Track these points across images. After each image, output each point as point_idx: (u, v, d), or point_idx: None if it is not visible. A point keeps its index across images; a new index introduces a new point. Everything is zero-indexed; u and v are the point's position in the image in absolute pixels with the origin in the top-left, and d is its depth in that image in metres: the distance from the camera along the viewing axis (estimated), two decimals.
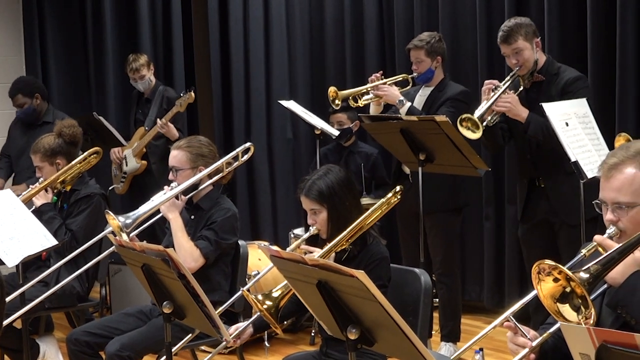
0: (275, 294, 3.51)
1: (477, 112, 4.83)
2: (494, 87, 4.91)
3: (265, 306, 3.49)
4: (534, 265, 2.54)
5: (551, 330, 2.71)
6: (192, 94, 6.80)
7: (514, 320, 2.73)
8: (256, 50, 8.05)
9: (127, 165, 7.32)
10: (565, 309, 2.51)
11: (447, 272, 5.69)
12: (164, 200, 4.47)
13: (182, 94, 6.88)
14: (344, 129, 6.41)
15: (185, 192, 4.54)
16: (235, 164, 4.74)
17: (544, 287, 2.53)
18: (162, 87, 7.36)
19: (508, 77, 4.96)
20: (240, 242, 4.66)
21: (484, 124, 4.83)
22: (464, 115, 4.84)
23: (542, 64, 5.03)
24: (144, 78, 7.30)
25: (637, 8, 5.52)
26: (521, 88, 5.01)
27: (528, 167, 5.12)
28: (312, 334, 6.04)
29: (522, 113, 4.89)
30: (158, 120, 6.91)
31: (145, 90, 7.36)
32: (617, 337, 1.98)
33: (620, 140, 4.52)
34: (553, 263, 2.50)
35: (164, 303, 3.52)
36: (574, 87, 4.89)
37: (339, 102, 5.76)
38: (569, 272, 2.47)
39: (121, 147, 7.19)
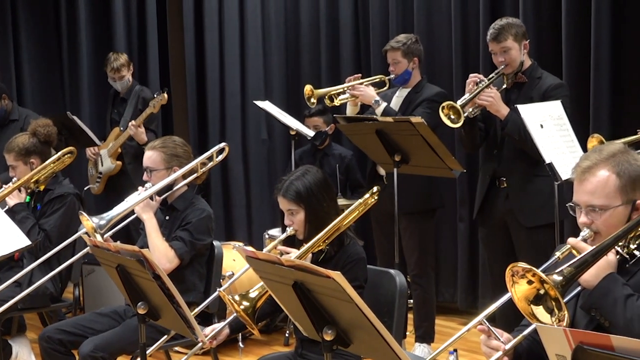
0: (252, 295, 3.50)
1: (460, 102, 4.86)
2: (478, 80, 4.94)
3: (242, 307, 3.49)
4: (508, 268, 2.55)
5: (525, 332, 2.73)
6: (165, 95, 6.77)
7: (487, 324, 2.74)
8: (231, 50, 8.04)
9: (102, 165, 7.29)
10: (539, 311, 2.53)
11: (421, 273, 5.71)
12: (138, 201, 4.45)
13: (155, 95, 6.85)
14: (319, 131, 6.42)
15: (159, 192, 4.52)
16: (210, 165, 4.72)
17: (518, 290, 2.55)
18: (138, 86, 7.32)
19: (493, 74, 4.99)
20: (215, 243, 4.64)
21: (465, 115, 4.86)
22: (447, 102, 4.87)
23: (527, 67, 5.06)
24: (124, 78, 7.26)
25: (611, 12, 5.57)
26: (504, 86, 5.04)
27: (492, 164, 5.15)
28: (287, 335, 6.03)
29: (503, 110, 4.92)
30: (132, 122, 6.87)
31: (122, 90, 7.33)
32: (593, 338, 2.00)
33: (593, 141, 4.55)
34: (527, 265, 2.52)
35: (139, 304, 3.50)
36: (554, 94, 4.93)
37: (315, 101, 5.76)
38: (543, 275, 2.49)
39: (97, 146, 7.15)
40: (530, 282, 2.52)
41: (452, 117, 4.85)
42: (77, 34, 8.64)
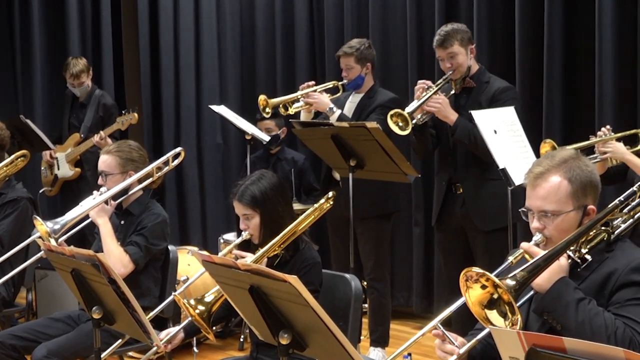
0: (207, 299, 3.50)
1: (408, 109, 4.89)
2: (426, 87, 4.98)
3: (197, 311, 3.49)
4: (462, 273, 2.58)
5: (479, 337, 2.76)
6: (136, 115, 6.72)
7: (442, 328, 2.77)
8: (186, 54, 8.02)
9: (58, 169, 7.22)
10: (493, 315, 2.56)
11: (377, 277, 5.73)
12: (93, 206, 4.42)
13: (124, 112, 6.78)
14: (272, 135, 6.42)
15: (114, 197, 4.50)
16: (166, 169, 4.71)
17: (472, 295, 2.57)
18: (98, 91, 7.26)
19: (441, 80, 5.03)
20: (170, 248, 4.63)
21: (413, 121, 4.89)
22: (394, 110, 4.91)
23: (474, 72, 5.11)
24: (83, 84, 7.20)
25: (563, 18, 5.64)
26: (452, 92, 5.08)
27: (448, 171, 5.19)
28: (241, 340, 6.02)
29: (451, 115, 4.96)
30: (100, 133, 6.81)
31: (82, 95, 7.26)
32: (545, 340, 2.03)
33: (545, 146, 4.61)
34: (481, 270, 2.54)
35: (94, 308, 3.49)
36: (503, 97, 4.98)
37: (270, 110, 5.76)
38: (496, 279, 2.52)
39: (53, 150, 7.08)
40: (484, 287, 2.55)
41: (401, 124, 4.89)
42: (31, 36, 8.53)
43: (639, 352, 1.86)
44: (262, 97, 5.74)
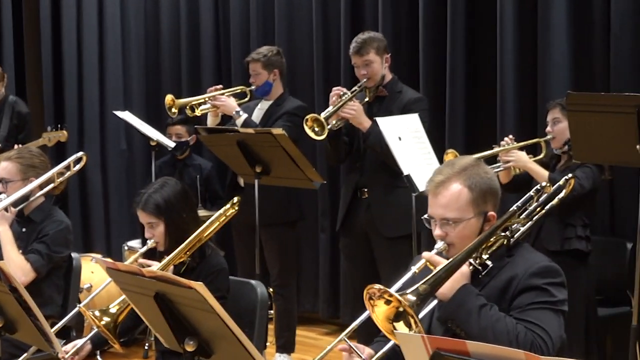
0: (112, 310, 3.48)
1: (323, 114, 4.92)
2: (341, 93, 5.01)
3: (103, 322, 3.45)
4: (365, 291, 2.59)
5: (385, 348, 2.80)
6: (65, 132, 6.57)
7: (348, 342, 2.79)
8: (90, 59, 7.91)
9: None
10: (399, 326, 2.57)
11: (283, 283, 5.75)
12: None
13: (51, 128, 6.62)
14: (180, 141, 6.39)
15: (15, 204, 4.42)
16: (68, 174, 4.65)
17: (379, 312, 2.58)
18: (11, 97, 7.08)
19: (356, 87, 5.08)
20: (73, 255, 4.57)
21: (328, 127, 4.93)
22: (310, 115, 4.93)
23: (388, 81, 5.18)
24: None
25: (466, 30, 5.75)
26: (366, 99, 5.14)
27: (355, 175, 5.24)
28: (146, 347, 5.96)
29: (365, 123, 5.01)
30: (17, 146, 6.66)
31: None
32: (449, 344, 2.06)
33: (449, 156, 4.69)
34: (382, 287, 2.56)
35: None
36: (414, 107, 5.05)
37: (176, 111, 5.73)
38: (398, 296, 2.53)
39: None
40: (388, 302, 2.56)
41: (316, 129, 4.92)
42: None
43: (540, 355, 1.91)
44: (169, 97, 5.71)
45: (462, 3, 5.73)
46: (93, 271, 5.82)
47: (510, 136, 4.79)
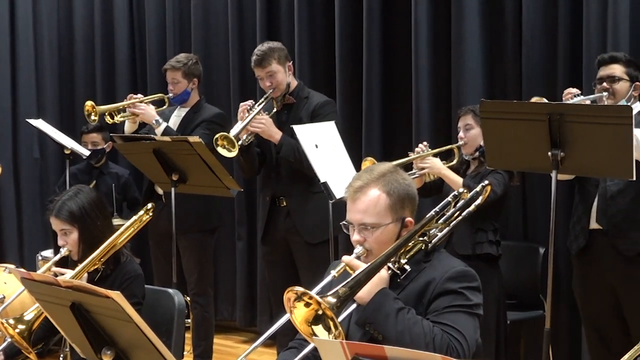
0: (27, 317, 3.41)
1: (233, 132, 4.91)
2: (249, 107, 5.01)
3: (17, 330, 3.39)
4: (285, 293, 2.59)
5: (304, 351, 2.82)
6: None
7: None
8: (1, 66, 7.74)
9: None
10: (318, 330, 2.58)
11: (200, 292, 5.72)
12: None
13: None
14: (96, 149, 6.31)
15: None
16: None
17: (298, 314, 2.58)
18: None
19: (262, 99, 5.08)
20: None
21: (239, 142, 4.92)
22: (220, 134, 4.91)
23: (294, 88, 5.18)
24: None
25: (382, 36, 5.81)
26: (274, 110, 5.14)
27: (271, 186, 5.25)
28: (61, 358, 5.86)
29: (275, 135, 5.02)
30: None
31: None
32: (367, 349, 2.07)
33: (366, 164, 4.71)
34: (302, 289, 2.56)
35: None
36: (323, 111, 5.07)
37: (96, 118, 5.65)
38: (318, 298, 2.54)
39: None
40: (307, 305, 2.56)
41: (227, 146, 4.90)
42: None
43: (455, 357, 1.94)
44: (89, 103, 5.63)
45: (377, 11, 5.79)
46: (6, 282, 5.70)
47: (425, 143, 4.84)
